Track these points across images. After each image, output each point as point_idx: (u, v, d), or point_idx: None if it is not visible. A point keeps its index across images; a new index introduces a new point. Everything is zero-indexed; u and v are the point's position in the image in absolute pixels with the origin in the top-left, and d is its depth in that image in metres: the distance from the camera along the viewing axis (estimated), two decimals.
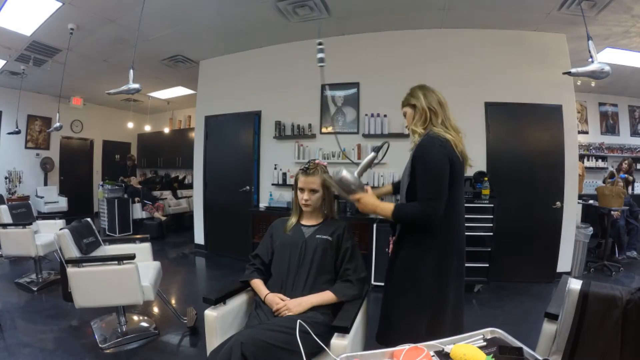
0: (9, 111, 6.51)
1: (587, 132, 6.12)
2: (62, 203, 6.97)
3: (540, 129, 3.89)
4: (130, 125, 7.70)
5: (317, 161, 1.67)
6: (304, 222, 1.67)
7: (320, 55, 1.61)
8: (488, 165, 3.83)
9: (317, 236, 1.60)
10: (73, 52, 4.46)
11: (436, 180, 1.31)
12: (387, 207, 1.39)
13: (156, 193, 7.01)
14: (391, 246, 1.52)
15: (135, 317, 2.76)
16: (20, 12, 3.59)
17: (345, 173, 1.46)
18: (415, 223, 1.37)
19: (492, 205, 3.41)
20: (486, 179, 3.51)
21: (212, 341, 1.45)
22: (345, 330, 1.29)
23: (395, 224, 1.51)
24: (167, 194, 7.24)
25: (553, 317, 1.28)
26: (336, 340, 1.28)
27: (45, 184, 7.27)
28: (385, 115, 4.00)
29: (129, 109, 7.99)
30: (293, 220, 1.67)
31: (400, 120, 3.97)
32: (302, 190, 1.62)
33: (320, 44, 1.64)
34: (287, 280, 1.55)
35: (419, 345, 0.98)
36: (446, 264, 1.39)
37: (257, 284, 1.60)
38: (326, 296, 1.50)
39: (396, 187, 1.70)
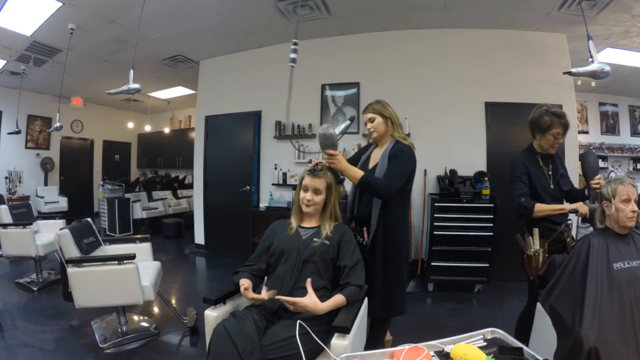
0: (9, 111, 6.51)
1: (587, 132, 6.11)
2: (63, 203, 6.96)
3: None
4: (130, 125, 7.70)
5: (323, 161, 1.63)
6: (304, 224, 1.63)
7: (292, 55, 1.62)
8: (488, 165, 3.83)
9: (315, 239, 1.56)
10: (73, 52, 4.46)
11: (405, 172, 1.77)
12: (357, 172, 1.69)
13: (156, 193, 7.02)
14: (366, 235, 1.82)
15: (136, 317, 2.76)
16: (20, 12, 3.59)
17: (331, 129, 1.66)
18: (375, 191, 1.71)
19: (492, 205, 3.41)
20: (486, 178, 3.51)
21: None
22: (345, 330, 1.29)
23: (364, 218, 1.84)
24: (167, 194, 7.24)
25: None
26: (336, 340, 1.28)
27: (46, 184, 7.27)
28: None
29: (129, 109, 8.00)
30: (294, 224, 1.62)
31: (401, 120, 3.97)
32: (305, 189, 1.59)
33: (295, 44, 1.64)
34: (283, 287, 1.50)
35: (419, 345, 0.99)
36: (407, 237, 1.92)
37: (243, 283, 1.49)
38: (339, 300, 1.43)
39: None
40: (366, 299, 1.64)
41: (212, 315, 1.45)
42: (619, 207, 1.48)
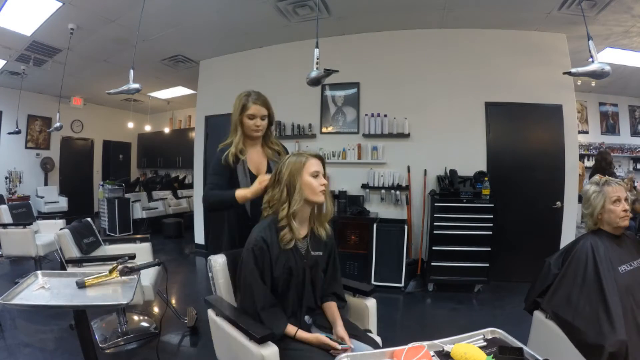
0: (9, 111, 6.51)
1: (587, 132, 6.11)
2: (63, 203, 6.96)
3: (541, 129, 3.89)
4: (130, 125, 7.70)
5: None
6: (299, 235, 1.39)
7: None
8: (488, 165, 3.83)
9: (312, 253, 1.42)
10: (73, 52, 4.46)
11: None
12: None
13: (156, 193, 7.02)
14: None
15: (136, 317, 2.76)
16: (20, 12, 3.59)
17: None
18: None
19: (492, 205, 3.41)
20: (486, 178, 3.51)
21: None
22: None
23: None
24: (167, 194, 7.23)
25: None
26: None
27: (46, 184, 7.27)
28: (385, 115, 3.99)
29: (129, 109, 7.99)
30: (288, 237, 1.35)
31: (400, 120, 3.98)
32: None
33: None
34: (299, 308, 1.41)
35: (419, 344, 0.98)
36: None
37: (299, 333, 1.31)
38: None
39: None
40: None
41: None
42: (610, 208, 1.46)
